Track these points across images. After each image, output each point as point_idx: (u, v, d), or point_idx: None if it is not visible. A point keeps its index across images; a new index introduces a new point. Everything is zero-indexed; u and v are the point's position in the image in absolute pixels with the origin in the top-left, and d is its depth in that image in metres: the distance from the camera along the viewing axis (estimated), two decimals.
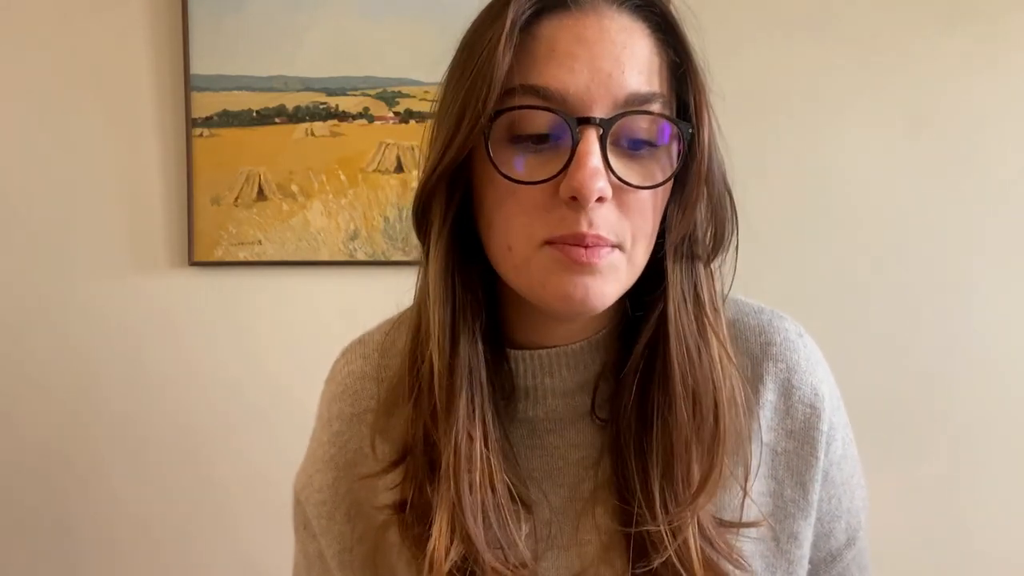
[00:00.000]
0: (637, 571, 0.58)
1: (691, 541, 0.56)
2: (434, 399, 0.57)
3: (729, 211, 0.59)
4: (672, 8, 0.56)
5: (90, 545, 1.43)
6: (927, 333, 1.41)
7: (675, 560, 0.56)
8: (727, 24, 1.36)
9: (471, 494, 0.56)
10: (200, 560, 1.43)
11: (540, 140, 0.53)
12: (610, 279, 0.54)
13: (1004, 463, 1.42)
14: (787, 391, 0.63)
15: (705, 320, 0.58)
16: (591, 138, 0.51)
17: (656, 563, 0.56)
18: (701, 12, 0.59)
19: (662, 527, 0.56)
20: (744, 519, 0.61)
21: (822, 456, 0.64)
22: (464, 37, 0.57)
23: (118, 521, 1.43)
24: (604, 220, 0.52)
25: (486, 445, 0.57)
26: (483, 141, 0.52)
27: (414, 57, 1.36)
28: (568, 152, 0.51)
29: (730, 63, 1.25)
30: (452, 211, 0.57)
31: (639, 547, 0.58)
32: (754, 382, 0.63)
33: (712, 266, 0.60)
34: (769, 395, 0.63)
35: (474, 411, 0.57)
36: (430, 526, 0.57)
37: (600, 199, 0.51)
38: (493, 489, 0.57)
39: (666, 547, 0.56)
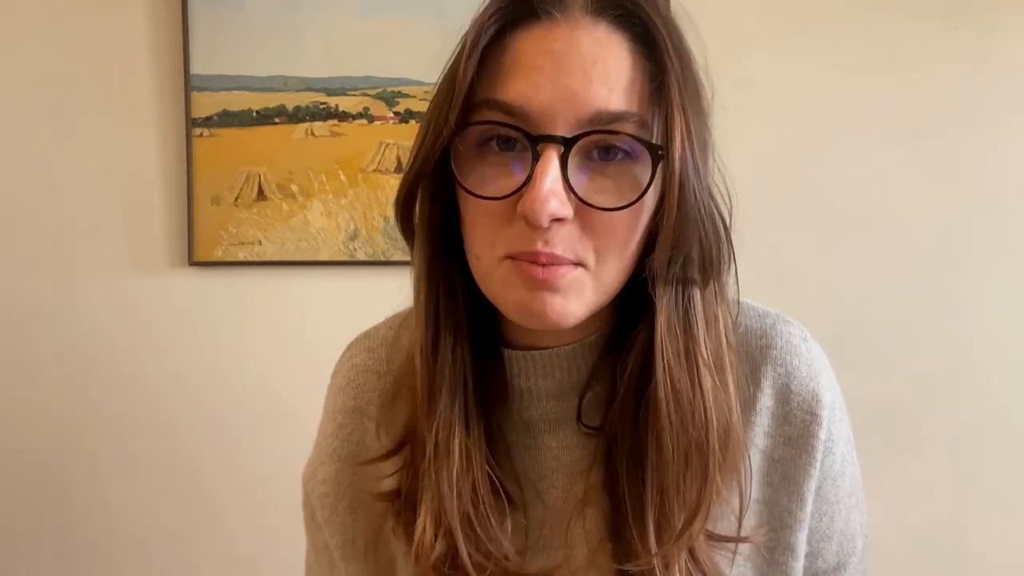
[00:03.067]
0: None
1: (675, 568, 0.56)
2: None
3: (721, 235, 0.56)
4: (659, 18, 0.53)
5: (89, 543, 1.43)
6: (927, 334, 1.41)
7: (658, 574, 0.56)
8: (727, 26, 1.36)
9: (451, 487, 0.56)
10: (204, 557, 1.43)
11: (508, 149, 0.52)
12: (572, 297, 0.53)
13: (1003, 466, 1.42)
14: (785, 396, 0.61)
15: (695, 350, 0.55)
16: (550, 158, 0.49)
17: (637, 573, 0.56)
18: (702, 14, 0.58)
19: (653, 558, 0.55)
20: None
21: (818, 466, 0.62)
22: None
23: (118, 520, 1.43)
24: (562, 239, 0.51)
25: (468, 436, 0.57)
26: (448, 154, 0.52)
27: (414, 57, 1.36)
28: (530, 168, 0.50)
29: (730, 65, 1.25)
30: (435, 216, 0.57)
31: (623, 557, 0.57)
32: (752, 386, 0.61)
33: (717, 291, 0.57)
34: (766, 400, 0.61)
35: (455, 406, 0.57)
36: (417, 517, 0.58)
37: (560, 219, 0.50)
38: (474, 482, 0.57)
39: (650, 563, 0.55)
